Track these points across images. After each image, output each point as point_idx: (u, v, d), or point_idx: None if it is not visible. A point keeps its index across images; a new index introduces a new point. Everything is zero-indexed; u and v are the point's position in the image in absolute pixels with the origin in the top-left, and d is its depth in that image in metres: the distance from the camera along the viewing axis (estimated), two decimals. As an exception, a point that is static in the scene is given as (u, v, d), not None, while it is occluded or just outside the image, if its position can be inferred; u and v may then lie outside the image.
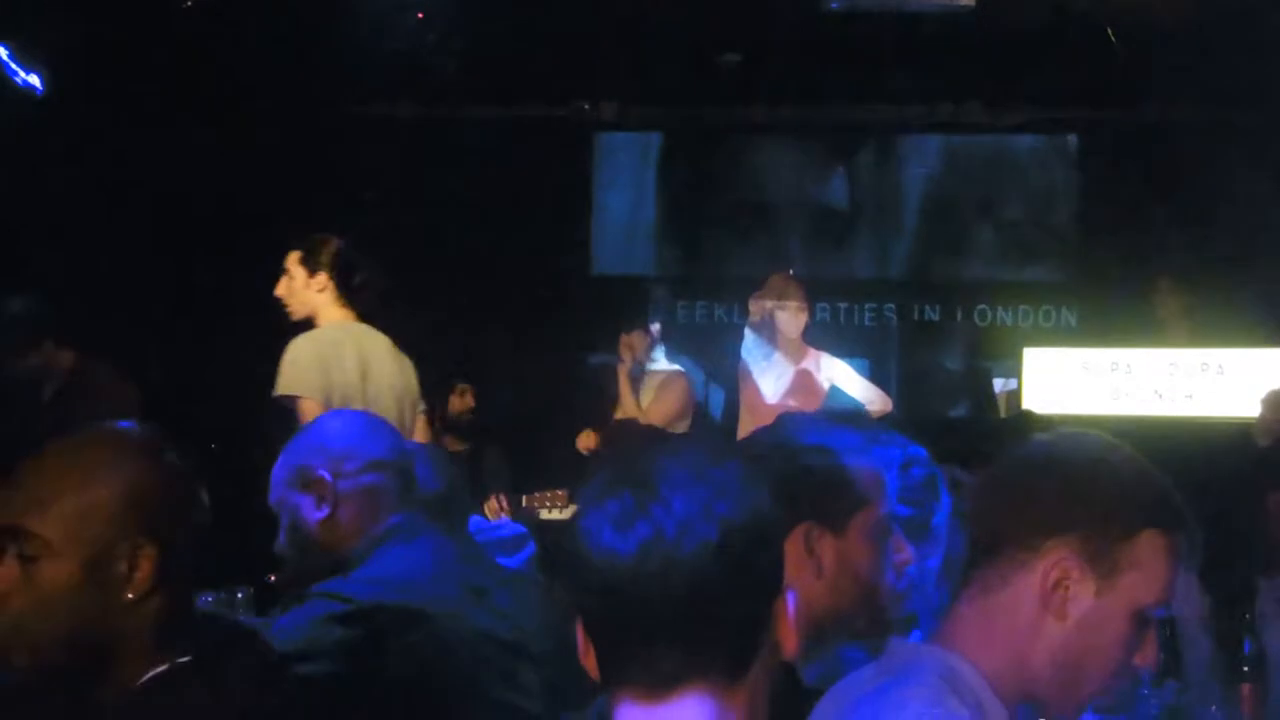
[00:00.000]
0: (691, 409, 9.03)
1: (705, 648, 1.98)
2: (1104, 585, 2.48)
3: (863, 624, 2.91)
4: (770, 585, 2.03)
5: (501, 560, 4.42)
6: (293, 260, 7.33)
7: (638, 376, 9.04)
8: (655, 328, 9.25)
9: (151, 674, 2.62)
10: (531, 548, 5.44)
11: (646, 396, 8.98)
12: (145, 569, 2.60)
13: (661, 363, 9.21)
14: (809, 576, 2.80)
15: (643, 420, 8.78)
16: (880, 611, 2.93)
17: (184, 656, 2.64)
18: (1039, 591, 2.47)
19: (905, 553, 3.03)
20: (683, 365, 9.43)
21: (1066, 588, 2.47)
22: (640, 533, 1.96)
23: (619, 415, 8.95)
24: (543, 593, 3.98)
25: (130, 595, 2.60)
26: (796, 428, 3.04)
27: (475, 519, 5.99)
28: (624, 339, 9.10)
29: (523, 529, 5.67)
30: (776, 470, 2.81)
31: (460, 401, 9.19)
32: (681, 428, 8.74)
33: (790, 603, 2.05)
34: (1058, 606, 2.47)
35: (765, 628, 2.02)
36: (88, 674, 2.64)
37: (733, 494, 1.99)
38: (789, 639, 2.05)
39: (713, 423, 9.59)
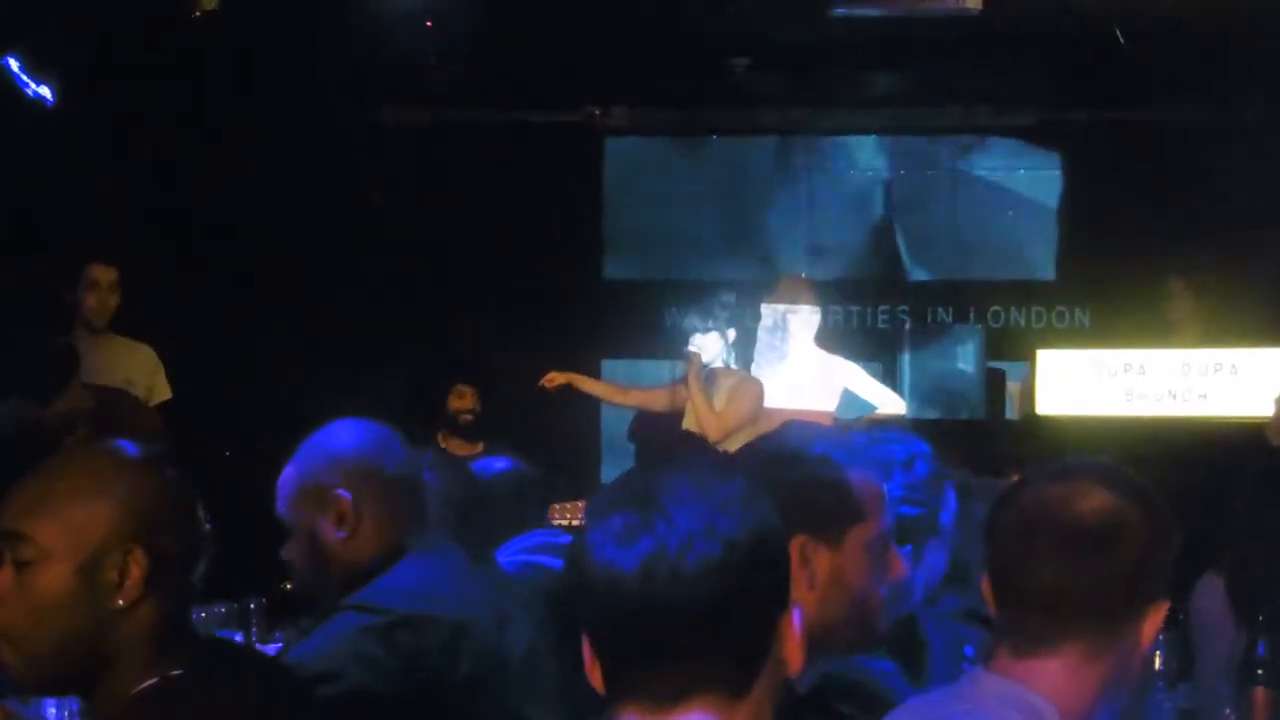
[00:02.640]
0: (763, 413, 8.76)
1: (709, 664, 1.97)
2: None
3: (850, 637, 2.92)
4: (775, 601, 2.03)
5: (553, 563, 4.42)
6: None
7: (708, 380, 8.83)
8: (730, 331, 9.04)
9: (141, 687, 2.63)
10: None
11: (719, 400, 8.71)
12: (135, 575, 2.62)
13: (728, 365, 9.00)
14: (801, 588, 2.81)
15: (717, 424, 8.58)
16: (868, 625, 2.94)
17: (176, 670, 2.65)
18: (1137, 642, 2.63)
19: (899, 567, 3.03)
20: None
21: None
22: (643, 548, 1.96)
23: (689, 420, 8.81)
24: (553, 604, 3.98)
25: (120, 602, 2.62)
26: (798, 436, 3.04)
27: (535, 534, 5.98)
28: (697, 340, 8.92)
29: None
30: (775, 479, 2.83)
31: (459, 402, 9.14)
32: (754, 431, 8.54)
33: (796, 619, 2.05)
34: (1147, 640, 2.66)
35: (769, 644, 2.02)
36: (79, 685, 2.68)
37: (737, 510, 1.99)
38: (794, 655, 2.04)
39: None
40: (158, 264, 9.40)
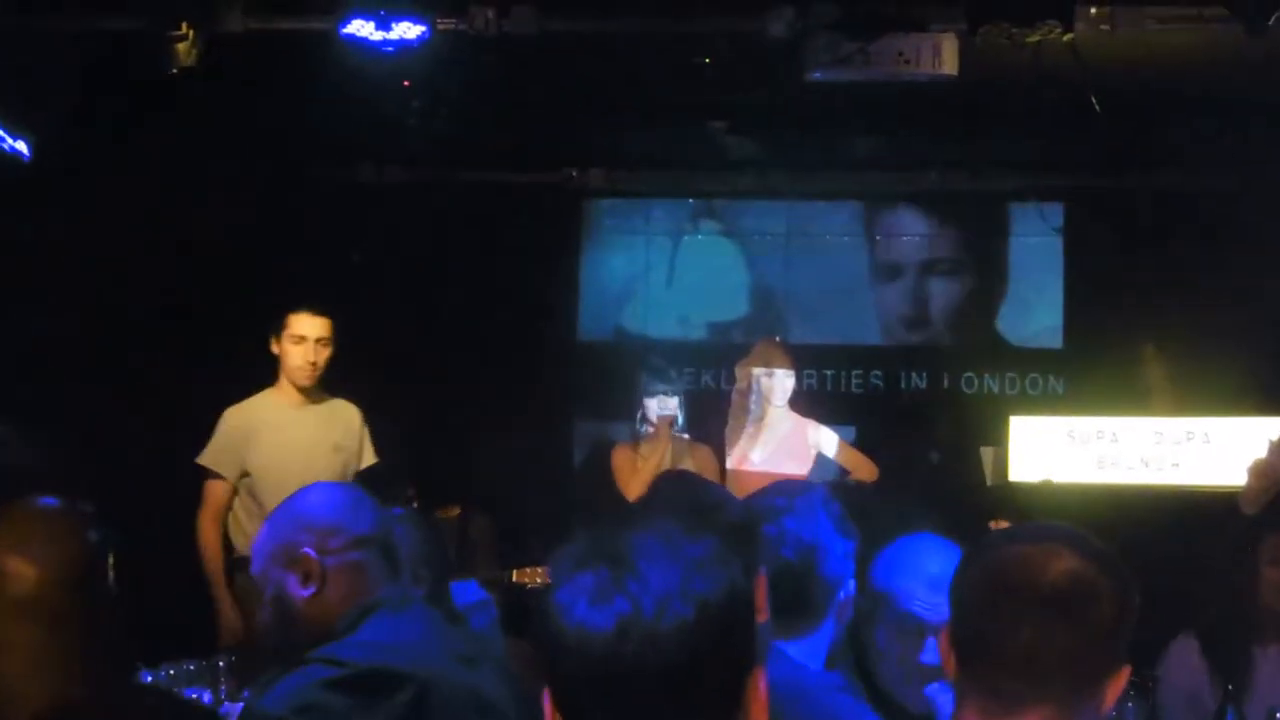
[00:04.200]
0: (718, 479, 8.64)
1: None
2: None
3: None
4: (744, 661, 2.00)
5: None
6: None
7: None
8: (678, 396, 8.90)
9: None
10: (488, 616, 5.40)
11: (678, 465, 8.57)
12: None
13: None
14: None
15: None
16: None
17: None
18: (1101, 705, 2.64)
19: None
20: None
21: None
22: (617, 609, 1.92)
23: (639, 480, 8.65)
24: (515, 663, 3.98)
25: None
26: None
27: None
28: (665, 404, 8.83)
29: (479, 596, 5.60)
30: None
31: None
32: None
33: (762, 679, 2.02)
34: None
35: (738, 706, 1.99)
36: None
37: (709, 570, 1.96)
38: (761, 715, 2.02)
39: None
40: (131, 321, 9.39)
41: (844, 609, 3.79)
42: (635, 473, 8.64)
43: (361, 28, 7.61)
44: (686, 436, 8.91)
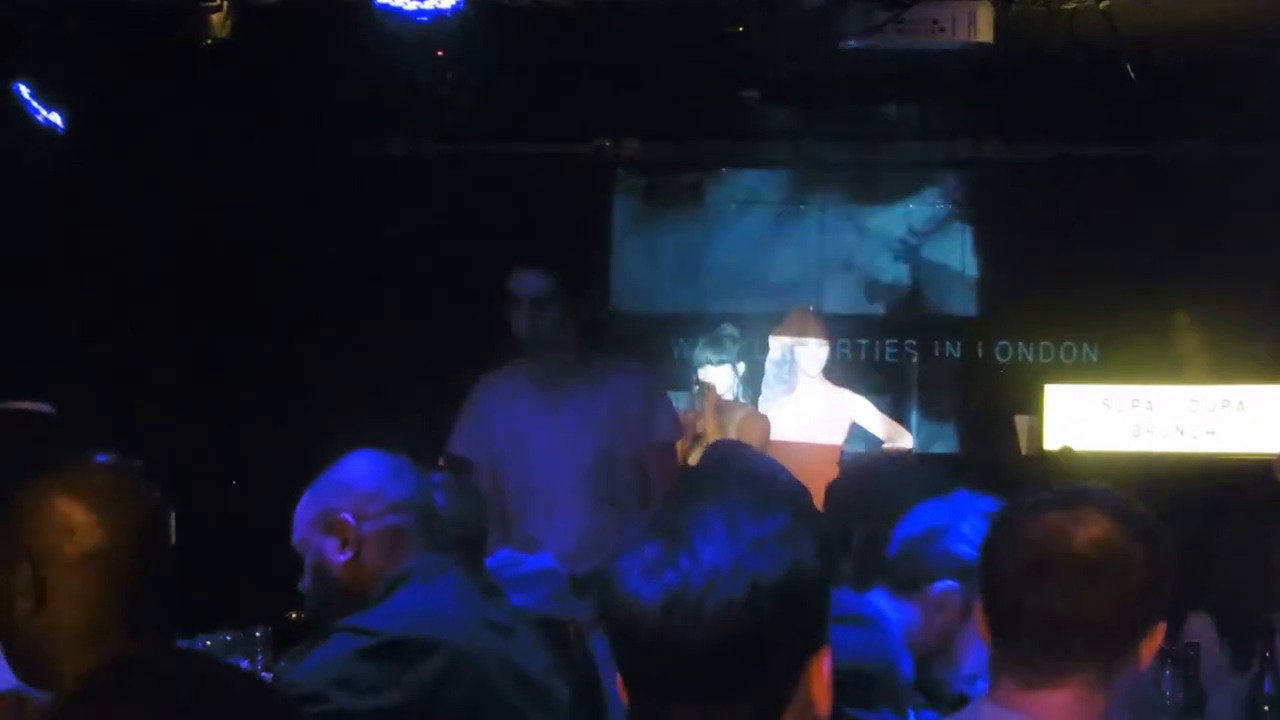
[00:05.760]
0: (767, 448, 8.62)
1: (724, 706, 1.94)
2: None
3: None
4: (803, 644, 1.98)
5: (518, 597, 4.41)
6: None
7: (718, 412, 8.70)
8: (740, 364, 8.84)
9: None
10: (551, 585, 5.38)
11: (731, 434, 8.42)
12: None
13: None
14: None
15: None
16: None
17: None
18: (1138, 665, 2.64)
19: None
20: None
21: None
22: (666, 583, 1.92)
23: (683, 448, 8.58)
24: (564, 635, 3.99)
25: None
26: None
27: (500, 554, 5.96)
28: (708, 373, 8.76)
29: (547, 564, 5.57)
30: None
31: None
32: None
33: (827, 661, 2.00)
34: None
35: (794, 686, 1.97)
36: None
37: (769, 552, 1.94)
38: (823, 699, 1.99)
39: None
40: (164, 292, 9.41)
41: None
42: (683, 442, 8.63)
43: (395, -3, 7.60)
44: (742, 402, 8.84)
